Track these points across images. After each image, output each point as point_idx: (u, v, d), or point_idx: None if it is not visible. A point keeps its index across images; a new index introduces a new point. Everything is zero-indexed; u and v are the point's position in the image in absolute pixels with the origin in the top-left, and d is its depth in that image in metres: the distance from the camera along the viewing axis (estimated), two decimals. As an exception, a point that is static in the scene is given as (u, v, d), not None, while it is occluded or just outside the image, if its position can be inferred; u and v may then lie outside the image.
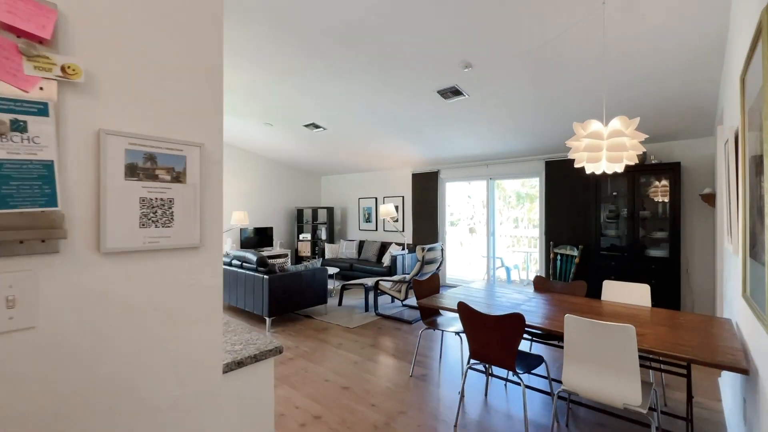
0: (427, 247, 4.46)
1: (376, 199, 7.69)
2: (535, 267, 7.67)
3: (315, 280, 4.61)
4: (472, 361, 2.31)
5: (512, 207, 10.41)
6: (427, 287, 3.17)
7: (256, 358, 1.17)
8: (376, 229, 7.68)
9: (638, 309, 2.46)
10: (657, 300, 4.20)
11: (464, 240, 9.08)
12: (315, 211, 8.32)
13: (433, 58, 3.26)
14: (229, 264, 4.82)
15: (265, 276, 4.13)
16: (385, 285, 4.70)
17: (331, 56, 3.40)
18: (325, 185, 8.82)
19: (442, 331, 3.12)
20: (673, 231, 4.16)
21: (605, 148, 2.20)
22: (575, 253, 4.91)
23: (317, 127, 5.46)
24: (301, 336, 3.96)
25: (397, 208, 7.29)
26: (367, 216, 7.86)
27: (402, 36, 2.97)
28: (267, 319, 4.14)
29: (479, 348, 2.23)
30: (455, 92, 3.91)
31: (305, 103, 4.61)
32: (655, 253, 4.30)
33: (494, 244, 6.22)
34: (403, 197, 7.22)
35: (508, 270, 7.23)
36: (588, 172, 2.37)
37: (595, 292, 4.57)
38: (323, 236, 8.02)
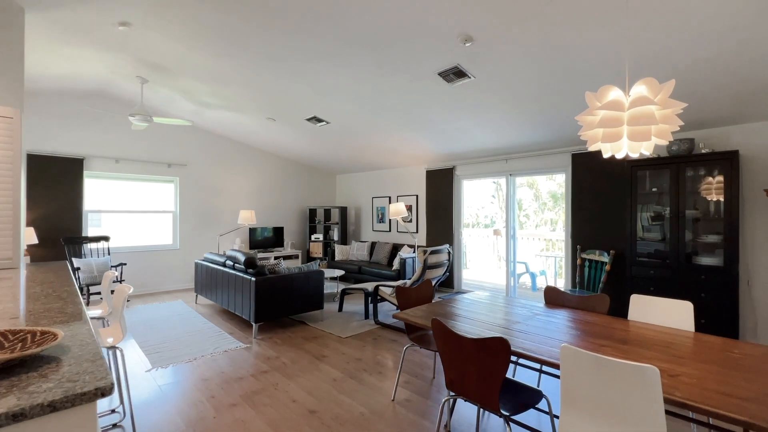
0: (431, 249, 3.98)
1: (389, 198, 7.28)
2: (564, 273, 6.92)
3: (309, 283, 4.27)
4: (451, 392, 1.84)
5: (549, 209, 9.59)
6: (415, 296, 2.72)
7: (52, 407, 0.81)
8: (389, 230, 7.26)
9: (676, 335, 1.88)
10: (706, 322, 3.47)
11: (489, 242, 8.45)
12: (327, 211, 8.03)
13: (428, 31, 2.81)
14: (223, 264, 4.60)
15: (253, 278, 3.84)
16: (385, 291, 4.27)
17: (313, 35, 3.04)
18: (340, 184, 8.52)
19: (433, 351, 2.66)
20: (730, 234, 3.41)
21: (626, 122, 1.67)
22: (606, 259, 4.23)
23: (320, 121, 5.14)
24: (286, 345, 3.63)
25: (410, 207, 6.83)
26: (380, 216, 7.46)
27: (386, 3, 2.55)
28: (253, 324, 3.84)
29: (456, 377, 1.76)
30: (458, 74, 3.42)
31: (300, 94, 4.29)
32: (705, 261, 3.57)
33: (515, 247, 5.60)
34: (417, 196, 6.76)
35: (533, 276, 6.56)
36: (605, 155, 1.84)
37: (626, 310, 3.89)
38: (335, 237, 7.71)
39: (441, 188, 6.24)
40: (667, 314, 2.11)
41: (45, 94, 4.99)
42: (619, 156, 1.81)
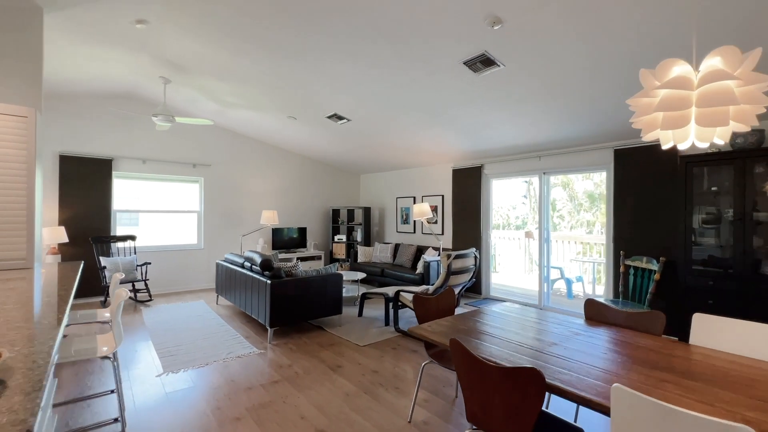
0: (455, 254, 3.70)
1: (414, 198, 7.01)
2: (603, 279, 6.39)
3: (327, 287, 4.09)
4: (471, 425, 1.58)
5: (585, 210, 8.97)
6: (435, 306, 2.46)
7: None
8: (414, 232, 6.99)
9: (759, 368, 1.51)
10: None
11: (520, 245, 7.99)
12: (351, 211, 7.87)
13: (451, 14, 2.54)
14: (241, 265, 4.51)
15: (269, 281, 3.71)
16: (406, 297, 4.02)
17: (329, 28, 2.84)
18: (364, 184, 8.34)
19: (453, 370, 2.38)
20: (810, 241, 2.91)
21: (695, 103, 1.34)
22: (654, 266, 3.77)
23: (341, 118, 4.97)
24: (301, 352, 3.46)
25: (435, 208, 6.53)
26: (404, 217, 7.21)
27: (401, -17, 2.31)
28: (269, 329, 3.71)
29: (478, 410, 1.49)
30: (486, 62, 3.12)
31: (320, 91, 4.13)
32: (778, 271, 3.07)
33: (548, 250, 5.19)
34: (443, 196, 6.45)
35: (568, 283, 6.08)
36: (665, 146, 1.51)
37: (681, 326, 3.44)
38: (358, 238, 7.53)
39: (468, 188, 5.91)
40: (743, 340, 1.73)
41: (78, 97, 5.13)
42: (683, 146, 1.47)
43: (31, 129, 2.67)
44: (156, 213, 5.96)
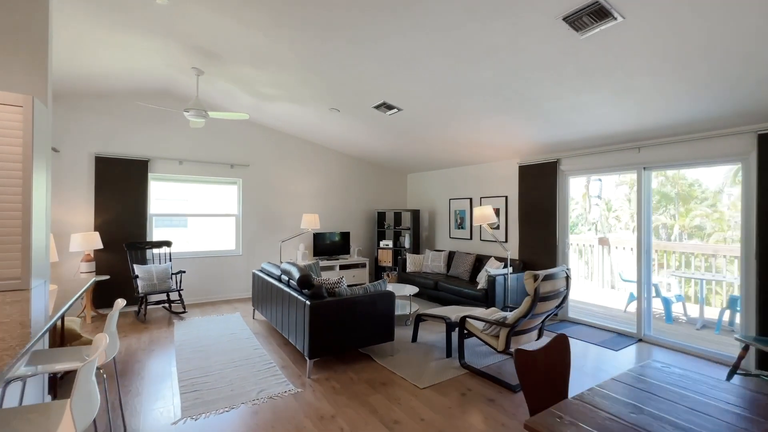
0: (543, 273, 2.84)
1: (470, 200, 6.15)
2: (720, 301, 5.15)
3: (377, 309, 3.39)
4: None
5: (705, 214, 7.55)
6: (544, 364, 1.64)
7: None
8: (471, 238, 6.13)
9: None
10: None
11: (593, 253, 6.86)
12: (398, 214, 7.16)
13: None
14: (278, 278, 3.94)
15: (308, 302, 3.07)
16: (476, 325, 3.22)
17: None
18: (412, 185, 7.59)
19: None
20: None
21: None
22: (837, 296, 2.67)
23: (390, 108, 4.26)
24: (346, 394, 2.77)
25: (497, 211, 5.64)
26: (459, 221, 6.37)
27: None
28: (308, 360, 3.07)
29: None
30: (598, 13, 2.26)
31: (367, 75, 3.44)
32: None
33: (648, 265, 4.14)
34: (506, 197, 5.54)
35: (666, 303, 4.94)
36: None
37: None
38: (406, 244, 6.80)
39: (539, 187, 4.97)
40: None
41: (114, 95, 4.85)
42: None
43: (27, 120, 2.20)
44: (193, 217, 5.61)
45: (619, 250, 6.52)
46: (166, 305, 5.04)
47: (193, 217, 5.62)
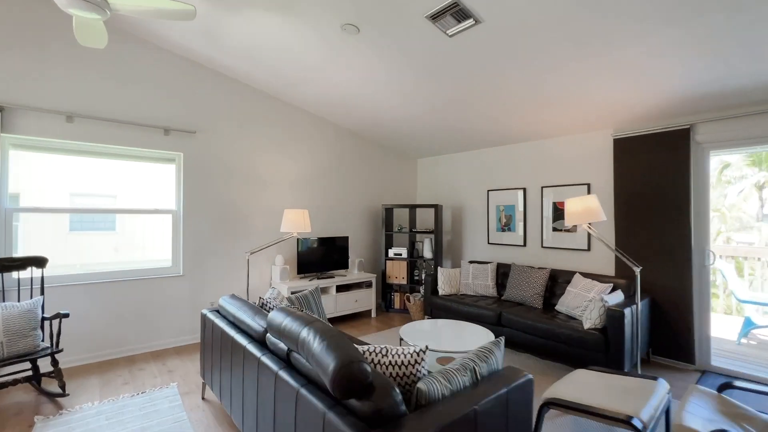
0: None
1: (524, 190, 4.39)
2: None
3: (509, 424, 1.45)
4: None
5: None
6: None
7: None
8: (524, 244, 4.36)
9: None
10: None
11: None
12: (412, 211, 5.24)
13: None
14: (261, 341, 1.87)
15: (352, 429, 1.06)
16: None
17: None
18: (424, 173, 5.70)
19: None
20: None
21: None
22: None
23: (464, 16, 2.35)
24: None
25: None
26: (505, 221, 4.58)
27: None
28: None
29: None
30: None
31: None
32: None
33: None
34: (588, 185, 3.84)
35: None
36: None
37: None
38: (426, 253, 4.90)
39: (654, 168, 3.31)
40: None
41: None
42: None
43: None
44: (92, 214, 3.31)
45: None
46: (32, 380, 2.70)
47: (93, 215, 3.32)
